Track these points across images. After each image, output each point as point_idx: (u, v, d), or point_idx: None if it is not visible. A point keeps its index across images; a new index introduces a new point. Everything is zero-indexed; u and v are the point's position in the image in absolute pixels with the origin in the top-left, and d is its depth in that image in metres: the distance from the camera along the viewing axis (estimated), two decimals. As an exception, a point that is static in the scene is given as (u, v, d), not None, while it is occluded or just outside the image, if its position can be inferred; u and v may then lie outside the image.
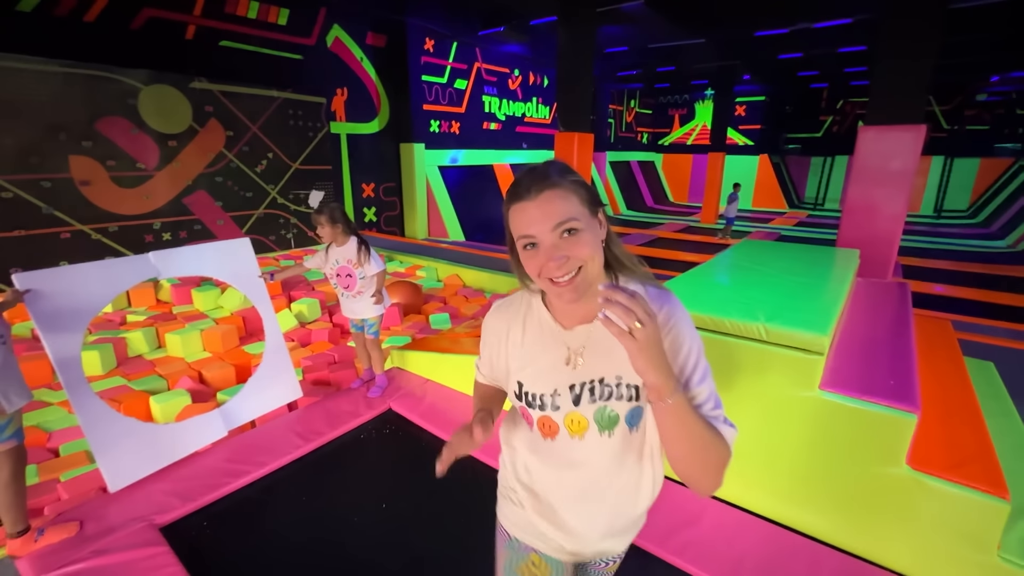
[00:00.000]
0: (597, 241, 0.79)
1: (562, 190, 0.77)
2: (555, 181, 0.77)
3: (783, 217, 13.85)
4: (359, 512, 2.02)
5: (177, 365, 3.64)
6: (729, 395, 1.82)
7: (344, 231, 2.59)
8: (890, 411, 1.60)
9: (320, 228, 2.54)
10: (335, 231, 2.55)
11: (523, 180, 0.80)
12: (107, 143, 5.27)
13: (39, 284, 1.89)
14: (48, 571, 1.60)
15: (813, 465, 1.78)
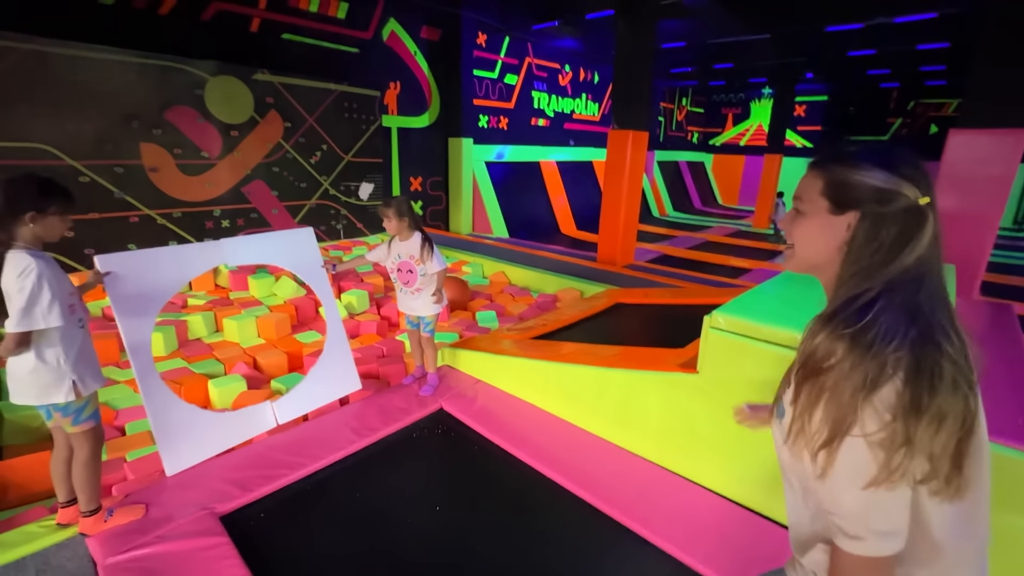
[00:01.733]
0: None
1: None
2: None
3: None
4: (412, 513, 1.97)
5: (233, 350, 3.73)
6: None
7: (410, 226, 2.55)
8: (1004, 451, 1.40)
9: (386, 220, 2.51)
10: (401, 224, 2.52)
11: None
12: (175, 132, 5.47)
13: (118, 267, 1.93)
14: (115, 554, 1.62)
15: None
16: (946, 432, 0.64)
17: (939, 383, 0.63)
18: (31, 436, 2.54)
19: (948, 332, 0.66)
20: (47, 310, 1.43)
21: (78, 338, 1.57)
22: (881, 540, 0.67)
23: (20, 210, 1.44)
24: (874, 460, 0.64)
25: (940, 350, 0.64)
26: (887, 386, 0.63)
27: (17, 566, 1.59)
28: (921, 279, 0.68)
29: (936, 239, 0.69)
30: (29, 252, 1.46)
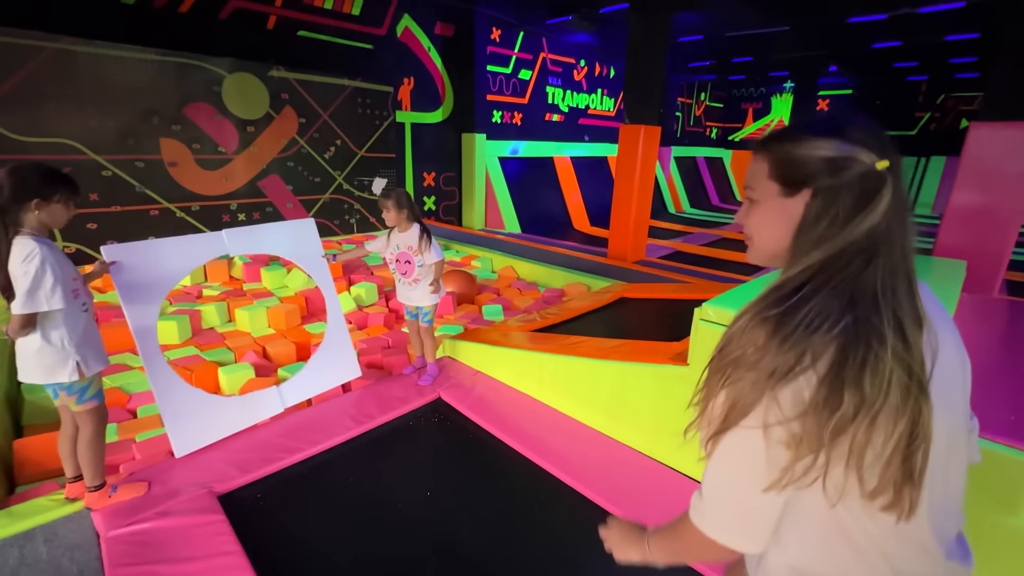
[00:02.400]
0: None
1: None
2: None
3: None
4: (404, 497, 2.01)
5: (244, 339, 3.83)
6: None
7: (408, 217, 2.59)
8: (1012, 452, 1.37)
9: (386, 212, 2.56)
10: (400, 216, 2.56)
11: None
12: (193, 127, 5.62)
13: (123, 256, 2.01)
14: (117, 527, 1.70)
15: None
16: (884, 437, 0.56)
17: (870, 380, 0.55)
18: (49, 417, 2.66)
19: (900, 320, 0.57)
20: (50, 293, 1.51)
21: (82, 321, 1.65)
22: (727, 532, 0.66)
23: (25, 198, 1.51)
24: (768, 459, 0.58)
25: (881, 341, 0.55)
26: (801, 378, 0.56)
27: (26, 536, 1.68)
28: (872, 255, 0.59)
29: (897, 209, 0.60)
30: (34, 238, 1.53)
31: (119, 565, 1.55)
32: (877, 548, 0.62)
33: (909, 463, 0.57)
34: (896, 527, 0.60)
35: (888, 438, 0.56)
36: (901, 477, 0.57)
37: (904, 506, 0.58)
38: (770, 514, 0.63)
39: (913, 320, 0.58)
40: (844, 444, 0.56)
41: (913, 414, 0.56)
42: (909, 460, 0.57)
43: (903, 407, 0.56)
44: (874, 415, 0.55)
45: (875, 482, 0.57)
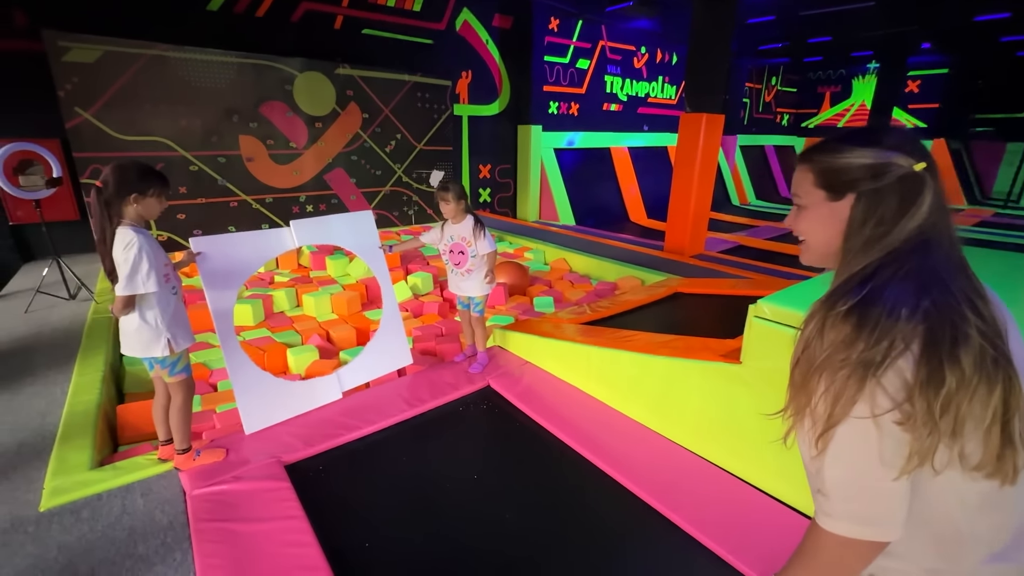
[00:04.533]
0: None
1: None
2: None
3: (960, 215, 11.56)
4: (451, 478, 2.11)
5: (310, 323, 4.10)
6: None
7: (464, 209, 2.67)
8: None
9: (444, 203, 2.65)
10: (457, 207, 2.65)
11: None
12: (268, 124, 6.02)
13: (207, 247, 2.22)
14: (200, 487, 1.90)
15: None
16: (982, 407, 0.59)
17: (964, 355, 0.58)
18: (146, 386, 2.99)
19: (971, 299, 0.61)
20: (146, 277, 1.71)
21: (172, 303, 1.85)
22: (862, 524, 0.64)
23: (125, 192, 1.71)
24: (887, 444, 0.60)
25: (963, 318, 0.59)
26: (900, 361, 0.59)
27: (127, 489, 1.92)
28: (927, 246, 0.64)
29: (940, 205, 0.66)
30: (133, 228, 1.73)
31: (202, 520, 1.74)
32: (971, 526, 0.65)
33: (1008, 430, 0.60)
34: (1001, 497, 0.63)
35: (986, 408, 0.59)
36: (1001, 444, 0.60)
37: (1008, 470, 0.61)
38: (901, 496, 0.64)
39: (980, 298, 0.62)
40: (949, 419, 0.58)
41: (1005, 383, 0.59)
42: (1008, 427, 0.60)
43: (995, 377, 0.59)
44: (974, 388, 0.58)
45: (979, 453, 0.60)
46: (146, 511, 1.82)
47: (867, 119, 11.47)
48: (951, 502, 0.65)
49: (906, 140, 0.67)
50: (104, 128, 5.03)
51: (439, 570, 1.67)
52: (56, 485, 1.90)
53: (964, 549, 0.67)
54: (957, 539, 0.66)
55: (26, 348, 3.21)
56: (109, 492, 1.91)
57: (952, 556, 0.67)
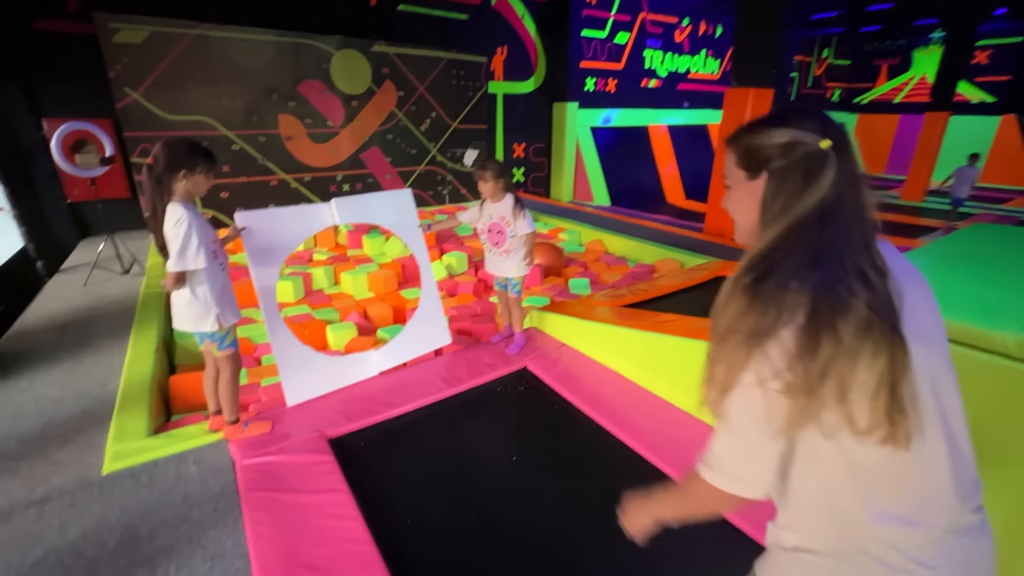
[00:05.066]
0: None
1: None
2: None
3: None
4: (490, 459, 2.11)
5: (348, 301, 4.17)
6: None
7: (503, 187, 2.62)
8: None
9: (483, 182, 2.60)
10: (496, 186, 2.59)
11: None
12: (305, 103, 6.07)
13: (252, 222, 2.25)
14: (248, 457, 1.97)
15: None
16: (867, 374, 0.62)
17: (843, 324, 0.61)
18: (195, 359, 3.11)
19: (863, 271, 0.64)
20: (195, 253, 1.74)
21: (220, 278, 1.88)
22: (733, 479, 0.72)
23: (175, 168, 1.73)
24: (769, 410, 0.65)
25: (849, 290, 0.62)
26: (783, 331, 0.63)
27: (181, 457, 2.01)
28: (826, 221, 0.67)
29: (845, 180, 0.68)
30: (182, 205, 1.76)
31: (251, 489, 1.80)
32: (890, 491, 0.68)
33: (896, 395, 0.62)
34: (897, 464, 0.66)
35: (872, 375, 0.62)
36: (889, 409, 0.62)
37: (899, 436, 0.63)
38: (774, 459, 0.69)
39: (875, 270, 0.64)
40: (832, 385, 0.62)
41: (890, 351, 0.61)
42: (896, 392, 0.62)
43: (879, 345, 0.61)
44: (853, 355, 0.61)
45: (868, 417, 0.63)
46: (199, 478, 1.89)
47: (929, 93, 10.69)
48: (844, 470, 0.68)
49: (815, 120, 0.70)
50: (152, 108, 5.18)
51: (478, 548, 1.68)
52: (117, 450, 2.00)
53: (862, 516, 0.69)
54: (854, 507, 0.69)
55: (85, 320, 3.38)
56: (165, 459, 1.99)
57: (851, 523, 0.70)
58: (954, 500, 0.70)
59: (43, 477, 1.90)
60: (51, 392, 2.48)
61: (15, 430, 2.19)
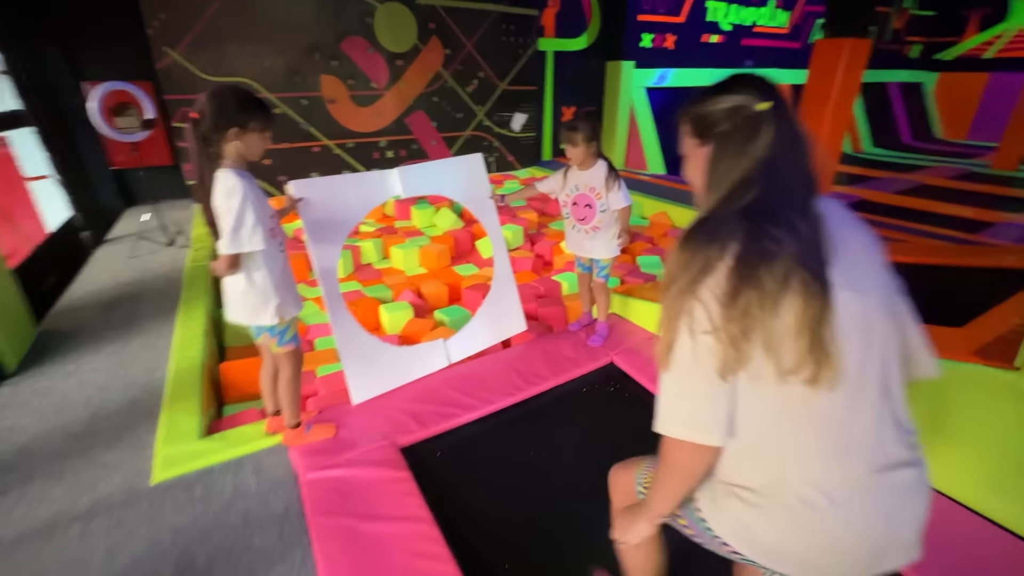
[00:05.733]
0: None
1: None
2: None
3: None
4: (582, 472, 1.79)
5: (399, 277, 3.87)
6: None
7: (595, 152, 2.20)
8: None
9: (571, 146, 2.17)
10: (588, 151, 2.17)
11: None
12: (348, 63, 5.68)
13: (309, 192, 1.92)
14: (313, 470, 1.70)
15: None
16: (792, 318, 0.66)
17: (766, 272, 0.65)
18: (246, 339, 2.88)
19: (793, 224, 0.68)
20: (251, 232, 1.42)
21: (279, 262, 1.57)
22: (687, 427, 0.73)
23: (224, 124, 1.40)
24: (703, 355, 0.69)
25: (774, 241, 0.66)
26: (711, 279, 0.68)
27: (238, 464, 1.76)
28: (762, 178, 0.71)
29: (785, 140, 0.72)
30: (235, 171, 1.43)
31: (320, 513, 1.52)
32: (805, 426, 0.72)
33: (819, 338, 0.66)
34: (839, 407, 0.70)
35: (794, 318, 0.65)
36: (814, 350, 0.66)
37: (823, 376, 0.67)
38: (721, 403, 0.71)
39: (807, 223, 0.69)
40: (758, 329, 0.66)
41: (812, 297, 0.65)
42: (818, 335, 0.66)
43: (801, 291, 0.65)
44: (775, 301, 0.65)
45: (792, 358, 0.67)
46: (259, 494, 1.63)
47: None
48: (777, 411, 0.71)
49: (755, 84, 0.74)
50: (191, 68, 4.90)
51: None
52: (167, 454, 1.77)
53: (793, 456, 0.73)
54: (787, 447, 0.73)
55: (131, 296, 3.19)
56: (220, 466, 1.75)
57: (782, 463, 0.73)
58: (881, 443, 0.73)
59: (89, 483, 1.68)
60: (97, 379, 2.28)
61: (60, 423, 1.99)
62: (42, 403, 2.12)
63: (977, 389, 1.53)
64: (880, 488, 0.72)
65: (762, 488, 0.75)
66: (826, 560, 0.74)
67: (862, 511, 0.71)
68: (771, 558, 0.77)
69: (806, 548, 0.74)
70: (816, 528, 0.72)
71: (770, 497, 0.74)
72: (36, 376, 2.32)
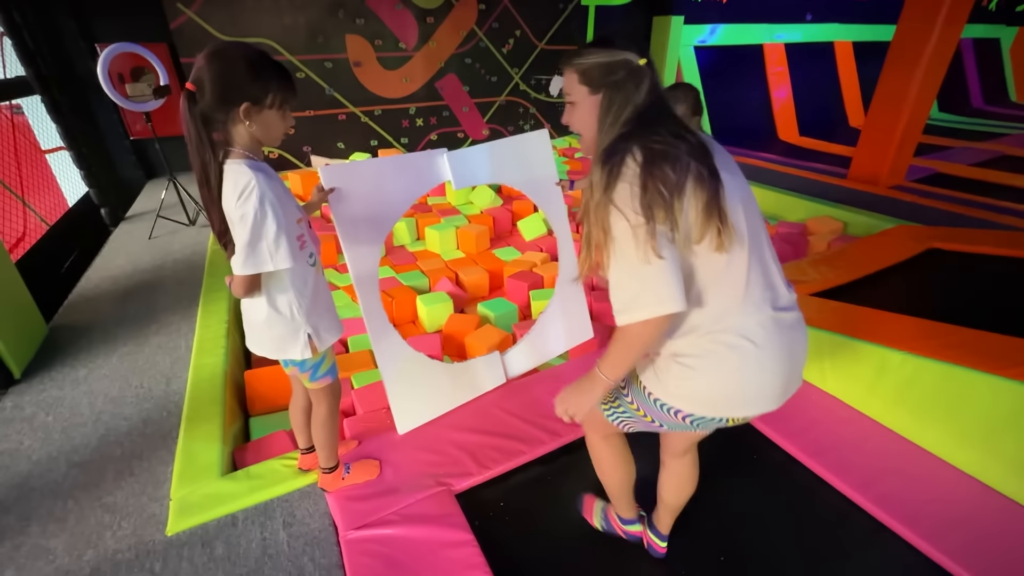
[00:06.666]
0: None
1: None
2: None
3: None
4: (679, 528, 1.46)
5: (435, 262, 3.53)
6: None
7: (696, 128, 1.76)
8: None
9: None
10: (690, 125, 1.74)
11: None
12: (375, 21, 5.19)
13: (342, 181, 1.56)
14: (355, 526, 1.40)
15: None
16: (695, 199, 0.84)
17: (667, 165, 0.82)
18: (271, 339, 2.59)
19: (679, 133, 0.87)
20: (274, 246, 1.07)
21: (310, 279, 1.22)
22: (650, 306, 0.84)
23: (233, 98, 1.03)
24: (636, 242, 0.82)
25: (669, 143, 0.85)
26: (622, 182, 0.83)
27: (266, 512, 1.48)
28: (648, 114, 0.90)
29: (656, 87, 0.91)
30: (248, 162, 1.07)
31: (367, 593, 1.23)
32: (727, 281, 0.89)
33: (717, 214, 0.84)
34: (738, 268, 0.89)
35: (699, 199, 0.84)
36: (713, 220, 0.84)
37: (725, 242, 0.85)
38: (668, 273, 0.83)
39: (688, 131, 0.89)
40: (669, 212, 0.82)
41: (707, 181, 0.84)
42: (716, 212, 0.84)
43: (698, 176, 0.84)
44: (680, 187, 0.83)
45: (700, 231, 0.85)
46: (291, 555, 1.35)
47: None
48: (698, 279, 0.89)
49: (634, 42, 0.92)
50: (207, 27, 4.50)
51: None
52: (184, 497, 1.49)
53: (716, 313, 0.90)
54: (711, 307, 0.90)
55: (149, 285, 2.93)
56: (245, 514, 1.46)
57: (709, 321, 0.91)
58: (775, 290, 0.94)
59: (94, 532, 1.42)
60: (109, 389, 2.03)
61: (67, 445, 1.74)
62: (48, 418, 1.87)
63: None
64: (782, 328, 0.92)
65: (696, 348, 0.92)
66: (753, 392, 0.93)
67: (777, 347, 0.91)
68: (709, 405, 0.95)
69: (738, 387, 0.93)
70: (745, 367, 0.91)
71: (704, 354, 0.92)
72: (44, 382, 2.08)
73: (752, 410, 0.95)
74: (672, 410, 0.98)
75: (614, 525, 1.40)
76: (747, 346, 0.88)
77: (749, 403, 0.94)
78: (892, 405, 1.72)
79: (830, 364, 1.90)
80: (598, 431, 1.22)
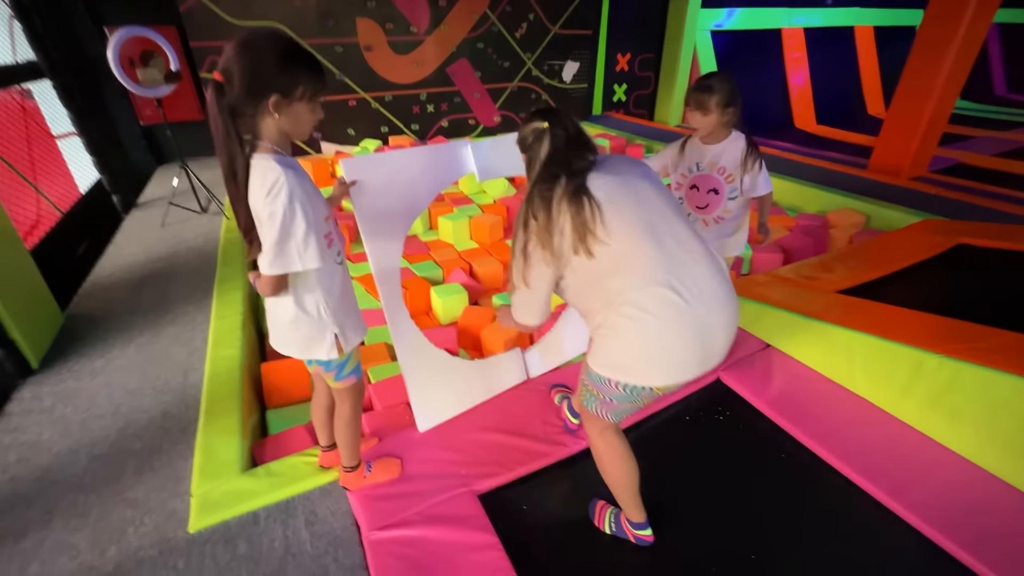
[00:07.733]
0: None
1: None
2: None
3: None
4: (697, 525, 1.44)
5: (448, 252, 3.49)
6: None
7: (730, 122, 1.69)
8: None
9: (700, 112, 1.66)
10: (722, 119, 1.66)
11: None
12: (386, 3, 5.08)
13: (363, 174, 1.51)
14: (379, 527, 1.38)
15: None
16: (571, 216, 1.06)
17: (554, 196, 1.08)
18: (286, 330, 2.57)
19: (570, 171, 1.10)
20: (303, 245, 1.03)
21: (338, 278, 1.19)
22: (532, 319, 1.24)
23: (262, 91, 0.98)
24: (540, 259, 1.11)
25: (555, 179, 1.09)
26: (531, 211, 1.12)
27: (288, 510, 1.46)
28: (549, 161, 1.13)
29: (559, 141, 1.13)
30: (276, 157, 1.03)
31: (393, 598, 1.21)
32: (620, 294, 1.08)
33: (584, 231, 1.05)
34: (623, 259, 1.08)
35: (572, 217, 1.06)
36: (581, 237, 1.06)
37: (589, 247, 1.06)
38: (549, 288, 1.17)
39: (579, 167, 1.12)
40: (557, 232, 1.08)
41: (581, 203, 1.06)
42: (584, 229, 1.05)
43: (575, 201, 1.06)
44: (560, 212, 1.07)
45: (572, 243, 1.07)
46: (315, 555, 1.33)
47: None
48: (592, 273, 1.09)
49: (541, 113, 1.16)
50: (216, 10, 4.42)
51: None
52: (205, 494, 1.48)
53: (610, 294, 1.09)
54: (606, 291, 1.09)
55: (163, 273, 2.91)
56: (267, 512, 1.45)
57: (608, 301, 1.09)
58: (677, 270, 1.06)
59: (116, 528, 1.41)
60: (127, 381, 2.02)
61: (86, 438, 1.74)
62: (67, 410, 1.87)
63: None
64: (689, 300, 1.04)
65: (607, 321, 1.11)
66: (663, 359, 1.08)
67: (679, 318, 1.05)
68: (630, 372, 1.11)
69: (645, 353, 1.08)
70: (645, 335, 1.06)
71: (613, 325, 1.10)
72: (61, 373, 2.07)
73: (671, 378, 1.09)
74: (606, 379, 1.14)
75: (625, 530, 1.39)
76: (643, 317, 1.04)
77: (662, 370, 1.08)
78: (927, 409, 1.67)
79: (860, 365, 1.86)
80: (593, 426, 1.31)
